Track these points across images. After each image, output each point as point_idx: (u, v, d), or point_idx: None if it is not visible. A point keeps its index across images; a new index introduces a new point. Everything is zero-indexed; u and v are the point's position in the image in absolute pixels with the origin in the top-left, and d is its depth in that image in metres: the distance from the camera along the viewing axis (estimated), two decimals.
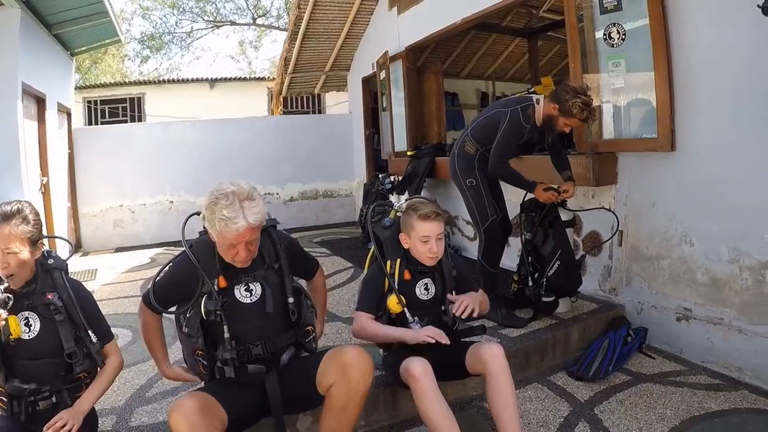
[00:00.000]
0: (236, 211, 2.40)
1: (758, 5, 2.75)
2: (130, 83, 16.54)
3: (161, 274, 2.74)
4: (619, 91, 4.51)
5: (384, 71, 8.53)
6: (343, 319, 4.58)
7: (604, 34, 4.48)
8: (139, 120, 15.20)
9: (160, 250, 8.74)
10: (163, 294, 2.70)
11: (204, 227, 2.61)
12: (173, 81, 17.06)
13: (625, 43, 4.36)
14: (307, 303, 2.80)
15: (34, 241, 2.43)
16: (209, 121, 10.33)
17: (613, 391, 3.66)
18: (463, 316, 2.95)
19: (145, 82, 16.72)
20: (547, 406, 3.50)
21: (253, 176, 9.51)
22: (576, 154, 4.90)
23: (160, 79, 18.35)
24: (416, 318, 2.97)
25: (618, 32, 4.36)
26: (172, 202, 9.63)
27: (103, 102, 15.26)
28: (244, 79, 17.74)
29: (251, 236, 2.48)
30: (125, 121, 14.69)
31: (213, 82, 16.27)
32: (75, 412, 2.38)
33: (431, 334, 2.79)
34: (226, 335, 2.52)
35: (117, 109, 15.26)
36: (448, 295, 3.06)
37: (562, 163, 4.43)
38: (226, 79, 16.71)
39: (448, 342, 2.80)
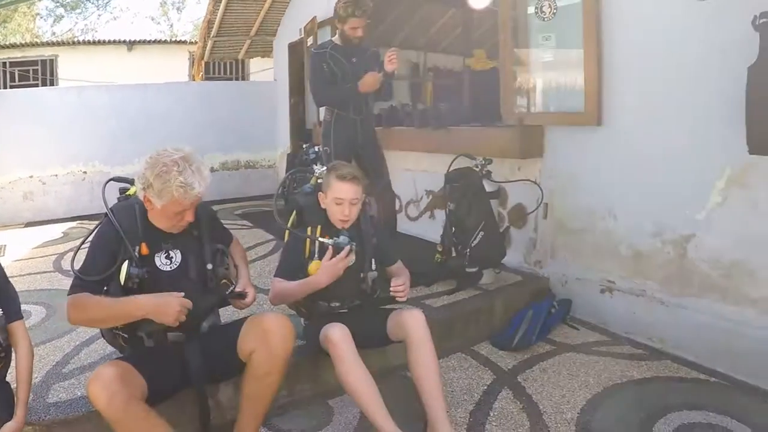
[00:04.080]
0: (192, 176, 2.49)
1: None
2: (42, 44, 16.07)
3: (87, 254, 2.65)
4: (549, 65, 4.65)
5: (312, 37, 8.45)
6: (265, 291, 4.59)
7: (536, 8, 4.60)
8: (52, 84, 14.78)
9: (73, 224, 8.42)
10: (93, 267, 2.58)
11: (124, 195, 2.81)
12: (89, 42, 16.61)
13: (556, 18, 4.48)
14: (225, 261, 2.88)
15: None
16: (126, 87, 10.05)
17: (536, 360, 3.83)
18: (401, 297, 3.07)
19: (58, 44, 16.26)
20: (470, 374, 3.65)
21: (171, 145, 9.40)
22: (503, 126, 5.06)
23: (75, 40, 17.84)
24: (340, 236, 3.09)
25: (550, 6, 4.49)
26: (85, 172, 9.27)
27: (13, 64, 14.84)
28: (165, 42, 17.57)
29: (201, 199, 2.57)
30: (36, 85, 14.27)
31: (131, 44, 15.96)
32: (17, 427, 2.38)
33: (335, 265, 3.00)
34: None
35: (27, 72, 14.84)
36: (392, 282, 3.13)
37: None
38: (145, 42, 16.42)
39: (350, 255, 3.03)
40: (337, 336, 2.80)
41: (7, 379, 2.61)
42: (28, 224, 8.74)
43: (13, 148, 8.79)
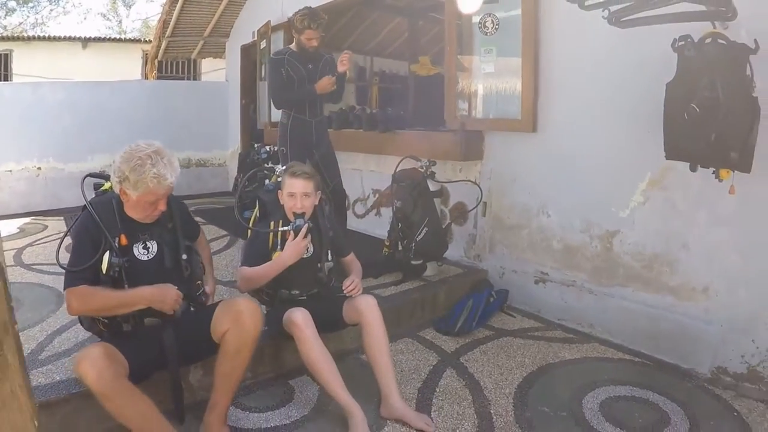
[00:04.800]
0: (164, 168, 2.66)
1: (603, 17, 3.18)
2: None
3: (72, 248, 2.73)
4: (489, 76, 4.86)
5: (265, 41, 8.55)
6: (223, 282, 4.72)
7: (480, 23, 4.82)
8: (6, 79, 14.49)
9: (27, 219, 8.26)
10: (82, 258, 2.66)
11: (101, 190, 2.93)
12: (43, 38, 16.21)
13: (497, 33, 4.72)
14: (197, 259, 3.01)
15: None
16: (80, 84, 9.93)
17: (477, 344, 4.07)
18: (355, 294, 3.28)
19: (12, 38, 15.87)
20: (417, 356, 3.87)
21: (125, 143, 9.07)
22: (446, 131, 5.28)
23: (29, 35, 17.38)
24: (297, 220, 3.27)
25: (492, 22, 4.72)
26: (39, 168, 9.13)
27: None
28: (119, 40, 17.24)
29: (172, 189, 2.74)
30: None
31: (86, 41, 15.70)
32: None
33: (298, 243, 3.17)
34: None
35: None
36: (344, 283, 3.34)
37: None
38: (99, 40, 16.17)
39: (308, 235, 3.20)
40: (300, 319, 3.00)
41: None
42: None
43: None
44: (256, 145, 8.53)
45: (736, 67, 3.05)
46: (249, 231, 3.56)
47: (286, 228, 3.30)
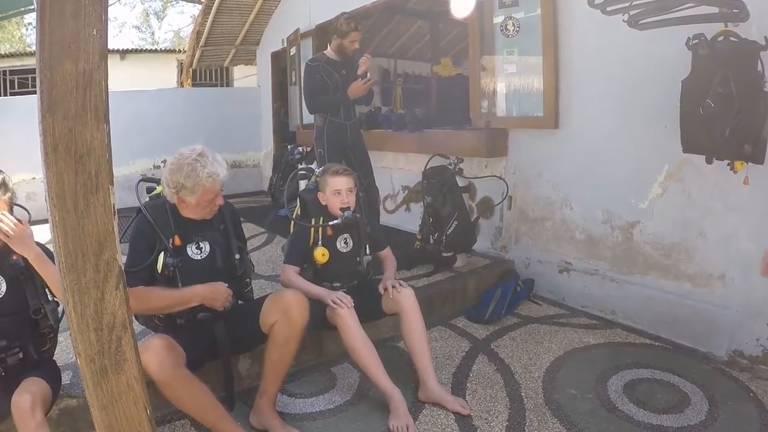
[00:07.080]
0: (214, 165, 2.73)
1: (623, 20, 3.21)
2: None
3: (129, 249, 2.76)
4: (512, 76, 4.90)
5: (295, 47, 8.63)
6: (264, 277, 4.84)
7: (501, 26, 4.86)
8: None
9: None
10: (138, 259, 2.75)
11: (155, 194, 2.97)
12: None
13: (519, 35, 4.75)
14: (248, 259, 3.11)
15: (11, 207, 2.56)
16: (121, 93, 9.90)
17: (506, 331, 4.14)
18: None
19: None
20: (450, 343, 3.95)
21: (164, 147, 9.27)
22: (472, 129, 5.33)
23: None
24: (345, 213, 3.37)
25: (513, 25, 4.76)
26: None
27: (12, 72, 14.64)
28: (155, 51, 17.39)
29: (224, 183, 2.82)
30: (35, 92, 13.97)
31: (124, 53, 15.86)
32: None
33: (337, 299, 3.14)
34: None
35: (26, 80, 14.50)
36: (379, 286, 3.41)
37: None
38: (136, 51, 16.34)
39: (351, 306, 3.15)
40: (344, 309, 3.07)
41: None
42: (32, 223, 8.65)
43: (16, 151, 8.65)
44: (289, 147, 8.60)
45: (748, 64, 3.08)
46: (291, 227, 3.63)
47: (336, 221, 3.38)
